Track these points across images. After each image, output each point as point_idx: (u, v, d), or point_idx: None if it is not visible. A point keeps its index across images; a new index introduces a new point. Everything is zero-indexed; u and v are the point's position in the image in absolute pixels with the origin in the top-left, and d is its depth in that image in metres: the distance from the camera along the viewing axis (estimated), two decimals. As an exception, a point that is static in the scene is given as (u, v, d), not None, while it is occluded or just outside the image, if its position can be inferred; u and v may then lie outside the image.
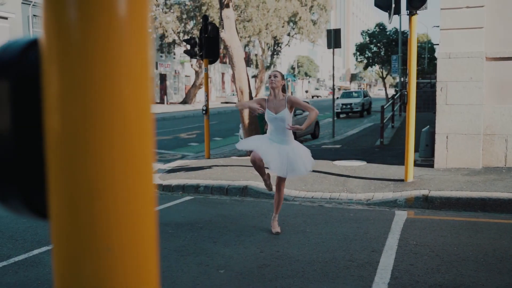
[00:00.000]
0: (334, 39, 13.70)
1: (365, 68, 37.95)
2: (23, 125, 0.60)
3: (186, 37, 36.21)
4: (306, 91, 74.29)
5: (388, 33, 33.40)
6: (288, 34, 48.08)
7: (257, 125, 11.12)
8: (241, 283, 3.91)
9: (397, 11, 7.18)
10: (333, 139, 14.20)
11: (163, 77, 46.62)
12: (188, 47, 12.15)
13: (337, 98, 28.25)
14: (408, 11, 7.04)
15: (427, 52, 38.28)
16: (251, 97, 11.03)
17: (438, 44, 8.32)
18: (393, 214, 6.00)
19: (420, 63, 37.50)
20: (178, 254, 4.64)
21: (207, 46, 11.02)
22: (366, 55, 34.47)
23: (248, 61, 59.73)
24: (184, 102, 42.94)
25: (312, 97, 67.26)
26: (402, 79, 24.74)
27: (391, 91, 60.12)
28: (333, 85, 13.87)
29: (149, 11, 0.60)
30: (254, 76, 58.43)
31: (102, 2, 0.55)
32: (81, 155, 0.55)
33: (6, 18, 29.27)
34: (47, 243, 5.01)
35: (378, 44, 33.74)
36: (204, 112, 11.22)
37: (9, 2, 31.26)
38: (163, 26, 37.62)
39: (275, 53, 54.17)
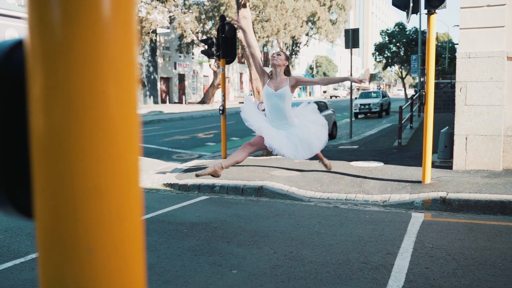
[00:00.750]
0: (352, 39, 13.59)
1: (384, 68, 37.59)
2: (9, 125, 0.60)
3: (204, 37, 36.37)
4: (324, 92, 73.90)
5: (407, 32, 33.02)
6: (307, 34, 47.91)
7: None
8: (253, 283, 3.90)
9: (415, 10, 7.08)
10: (350, 140, 14.09)
11: (181, 77, 46.91)
12: (206, 47, 12.20)
13: (355, 98, 28.05)
14: (426, 10, 6.94)
15: (448, 51, 37.71)
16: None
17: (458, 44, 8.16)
18: (410, 216, 5.92)
19: (441, 63, 36.99)
20: (191, 253, 4.65)
21: (224, 46, 11.03)
22: (385, 55, 34.14)
23: (266, 61, 59.74)
24: (202, 102, 43.16)
25: (331, 97, 66.86)
26: (421, 79, 24.43)
27: (410, 92, 59.41)
28: (351, 85, 13.76)
29: (135, 11, 0.60)
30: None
31: (85, 2, 0.54)
32: (64, 155, 0.55)
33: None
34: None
35: (398, 44, 33.39)
36: (221, 112, 11.24)
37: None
38: (182, 26, 37.84)
39: (293, 53, 54.01)
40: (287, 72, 4.87)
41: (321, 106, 15.06)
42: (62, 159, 0.55)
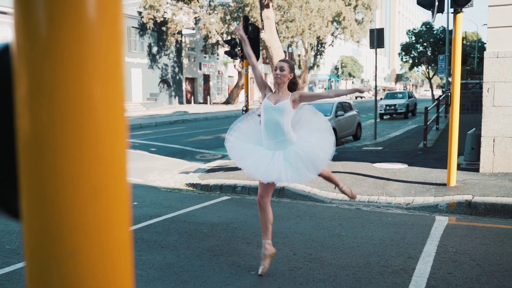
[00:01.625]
0: (377, 38, 13.42)
1: (411, 68, 37.00)
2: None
3: (229, 38, 36.52)
4: (350, 92, 73.13)
5: (435, 32, 32.43)
6: (332, 34, 47.57)
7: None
8: (271, 285, 3.88)
9: (441, 9, 6.93)
10: (374, 141, 13.91)
11: (206, 78, 47.21)
12: (229, 48, 12.23)
13: (381, 99, 27.69)
14: (452, 9, 6.79)
15: (477, 51, 36.87)
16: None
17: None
18: (433, 219, 5.80)
19: (469, 63, 36.17)
20: (211, 253, 4.66)
21: (248, 46, 11.02)
22: (412, 55, 33.59)
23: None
24: (227, 102, 43.35)
25: (356, 98, 66.19)
26: (449, 79, 23.93)
27: (438, 92, 58.31)
28: (376, 86, 13.58)
29: (122, 12, 0.59)
30: (297, 77, 58.19)
31: (70, 2, 0.54)
32: (49, 157, 0.55)
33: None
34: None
35: (425, 44, 32.81)
36: (244, 112, 11.25)
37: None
38: (207, 27, 38.10)
39: (318, 53, 53.71)
40: (292, 85, 4.22)
41: (346, 107, 14.91)
42: (47, 162, 0.55)
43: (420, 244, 4.81)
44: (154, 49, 40.03)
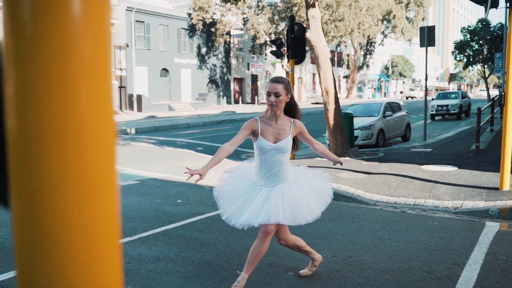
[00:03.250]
0: (427, 36, 13.00)
1: (465, 67, 35.57)
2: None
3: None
4: (401, 92, 71.40)
5: (492, 29, 31.00)
6: (382, 33, 46.56)
7: (343, 126, 10.89)
8: (308, 287, 3.84)
9: (495, 5, 6.61)
10: (424, 142, 13.49)
11: (254, 78, 47.45)
12: (275, 48, 12.24)
13: (432, 99, 26.81)
14: (508, 4, 6.46)
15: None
16: (336, 98, 10.83)
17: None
18: (483, 225, 5.54)
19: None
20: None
21: (293, 46, 10.99)
22: (466, 54, 32.29)
23: (339, 61, 58.83)
24: (274, 102, 43.34)
25: (407, 98, 64.42)
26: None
27: (494, 92, 55.81)
28: (425, 85, 13.16)
29: (110, 10, 0.59)
30: (346, 77, 57.38)
31: (55, 0, 0.55)
32: (35, 153, 0.56)
33: (112, 24, 31.65)
34: (131, 234, 5.31)
35: (481, 42, 31.44)
36: (288, 112, 11.19)
37: (115, 9, 33.74)
38: (255, 28, 38.29)
39: (368, 52, 52.74)
40: (290, 108, 3.60)
41: (394, 107, 14.56)
42: (33, 158, 0.56)
43: (467, 251, 4.61)
44: (203, 50, 40.67)
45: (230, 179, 3.77)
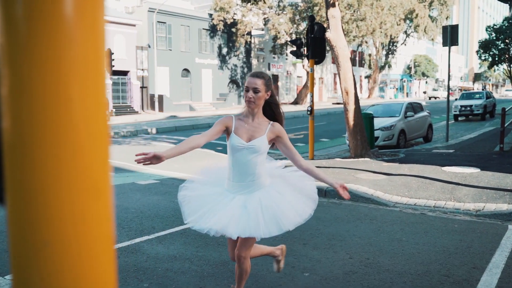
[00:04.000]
0: (450, 36, 12.78)
1: (490, 67, 34.84)
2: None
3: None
4: (424, 92, 70.33)
5: (518, 27, 30.29)
6: (405, 32, 45.97)
7: (362, 127, 10.80)
8: (324, 288, 3.82)
9: (519, 3, 6.45)
10: (446, 143, 13.27)
11: (275, 78, 47.41)
12: (295, 48, 12.20)
13: (456, 99, 26.36)
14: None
15: None
16: (356, 98, 10.74)
17: None
18: (506, 228, 5.42)
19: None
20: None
21: (313, 46, 10.94)
22: (491, 53, 31.62)
23: (361, 61, 58.33)
24: (295, 102, 43.26)
25: (430, 98, 63.44)
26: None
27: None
28: (448, 85, 12.94)
29: (103, 12, 0.60)
30: (368, 77, 56.88)
31: (48, 1, 0.56)
32: (29, 152, 0.57)
33: (134, 25, 32.05)
34: (149, 233, 5.37)
35: (507, 40, 30.74)
36: (309, 112, 11.17)
37: (137, 10, 34.14)
38: (276, 28, 38.26)
39: (390, 52, 52.16)
40: (270, 107, 3.27)
41: (416, 108, 14.37)
42: (27, 157, 0.57)
43: (488, 254, 4.51)
44: (224, 50, 40.83)
45: (200, 183, 3.51)
